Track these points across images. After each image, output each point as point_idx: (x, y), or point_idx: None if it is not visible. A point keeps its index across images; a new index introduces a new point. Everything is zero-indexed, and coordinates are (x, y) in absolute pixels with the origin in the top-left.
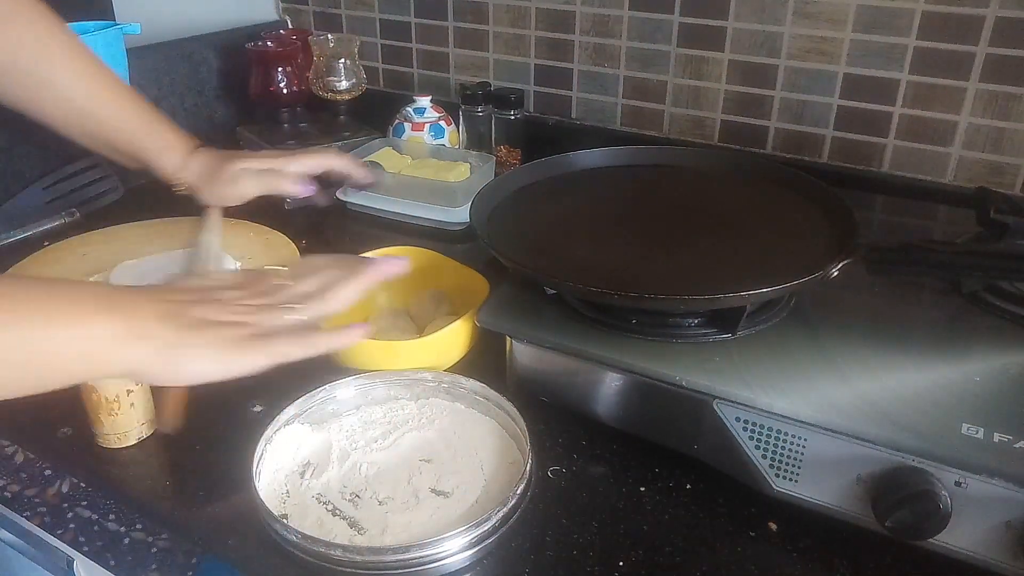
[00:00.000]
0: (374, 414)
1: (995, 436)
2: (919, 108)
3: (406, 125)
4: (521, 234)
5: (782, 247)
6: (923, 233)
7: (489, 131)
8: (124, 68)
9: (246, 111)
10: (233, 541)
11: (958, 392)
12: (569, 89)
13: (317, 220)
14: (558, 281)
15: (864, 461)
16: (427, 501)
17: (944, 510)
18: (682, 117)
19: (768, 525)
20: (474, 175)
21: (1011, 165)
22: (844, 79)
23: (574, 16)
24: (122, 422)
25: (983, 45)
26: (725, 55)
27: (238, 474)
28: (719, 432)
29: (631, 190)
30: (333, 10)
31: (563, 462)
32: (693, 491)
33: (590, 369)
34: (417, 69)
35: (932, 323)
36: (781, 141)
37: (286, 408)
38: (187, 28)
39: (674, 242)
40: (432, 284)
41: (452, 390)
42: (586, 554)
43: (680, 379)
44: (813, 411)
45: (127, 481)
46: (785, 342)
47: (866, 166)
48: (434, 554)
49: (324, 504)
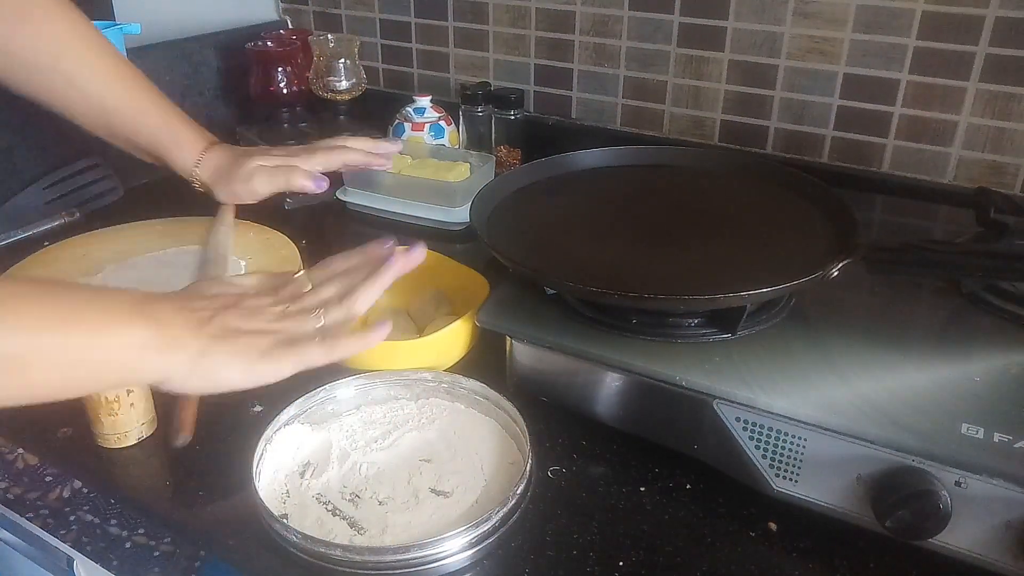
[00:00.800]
0: (374, 414)
1: (995, 436)
2: (919, 108)
3: (406, 125)
4: (521, 234)
5: (782, 247)
6: (923, 233)
7: (489, 131)
8: None
9: (246, 111)
10: (233, 541)
11: (958, 392)
12: (569, 89)
13: (317, 220)
14: (558, 281)
15: (864, 461)
16: (427, 501)
17: (944, 510)
18: (682, 117)
19: (768, 525)
20: (474, 175)
21: (1011, 165)
22: (844, 79)
23: (574, 16)
24: (122, 422)
25: (983, 45)
26: (725, 55)
27: (238, 474)
28: (719, 432)
29: (631, 190)
30: (333, 10)
31: (563, 462)
32: (693, 491)
33: (590, 369)
34: (417, 69)
35: (932, 323)
36: (781, 141)
37: (286, 408)
38: (187, 28)
39: (674, 242)
40: (432, 284)
41: (452, 390)
42: (586, 554)
43: (680, 379)
44: (813, 411)
45: (127, 481)
46: (785, 342)
47: (866, 166)
48: (434, 554)
49: (324, 504)
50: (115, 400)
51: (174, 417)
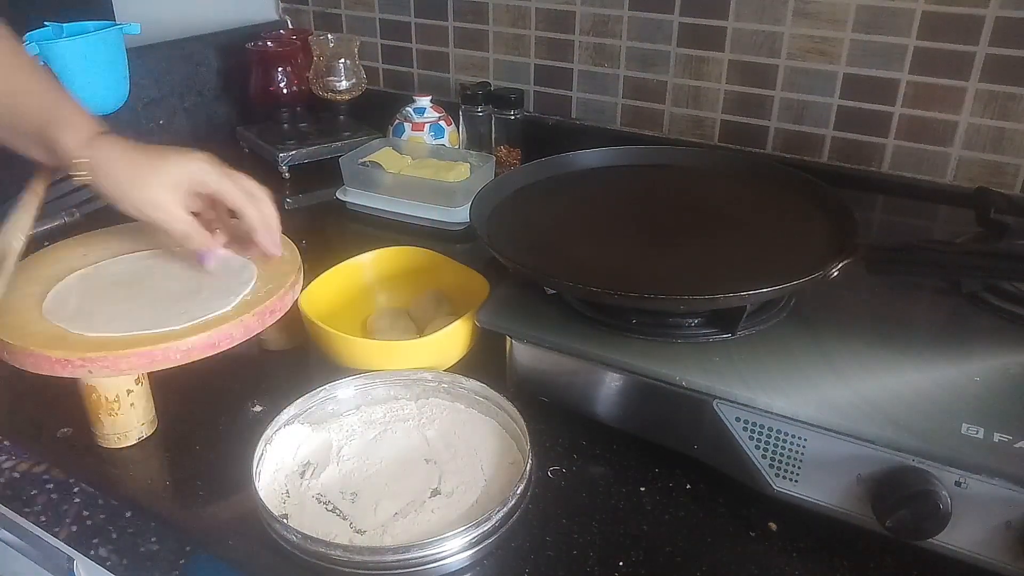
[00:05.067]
0: (374, 414)
1: (995, 436)
2: (919, 108)
3: (406, 125)
4: (521, 234)
5: (782, 247)
6: (923, 233)
7: (489, 131)
8: (124, 68)
9: (246, 111)
10: (233, 541)
11: (958, 392)
12: (569, 89)
13: (317, 220)
14: (558, 281)
15: (864, 461)
16: (427, 501)
17: (944, 510)
18: (682, 117)
19: (768, 525)
20: (474, 175)
21: (1011, 165)
22: (844, 79)
23: (574, 16)
24: (122, 422)
25: (983, 45)
26: (725, 55)
27: (238, 474)
28: (719, 432)
29: (631, 190)
30: (333, 10)
31: (563, 462)
32: (693, 491)
33: (590, 369)
34: (417, 69)
35: (932, 323)
36: (781, 141)
37: (286, 408)
38: (187, 28)
39: (674, 242)
40: (432, 284)
41: (452, 390)
42: (586, 554)
43: (680, 379)
44: (813, 411)
45: (127, 481)
46: (785, 342)
47: (866, 166)
48: (434, 554)
49: (324, 504)
50: (115, 400)
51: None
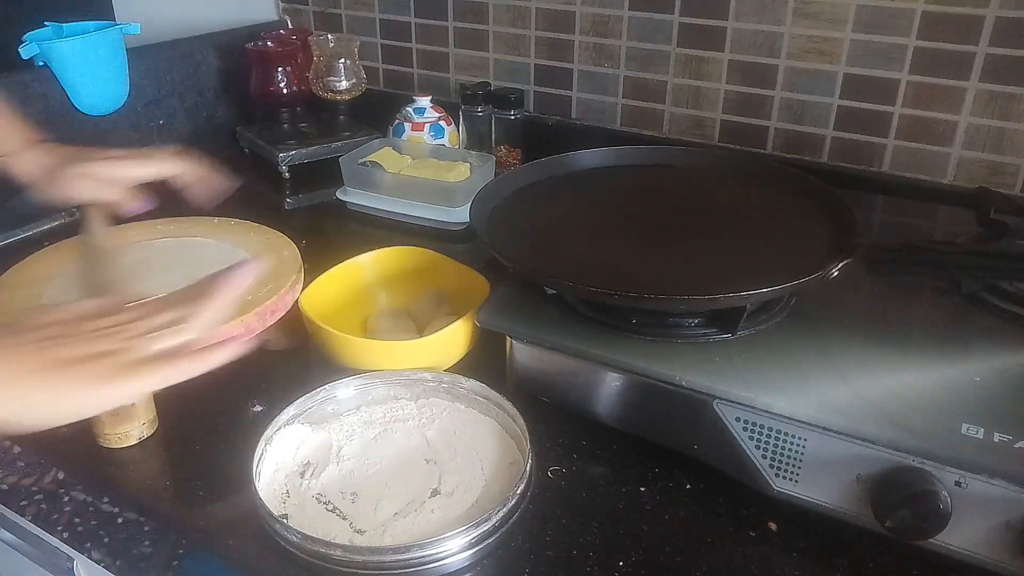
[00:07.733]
0: (374, 414)
1: (995, 436)
2: (919, 108)
3: (406, 125)
4: (521, 234)
5: (782, 247)
6: (923, 233)
7: (489, 131)
8: (124, 68)
9: (246, 111)
10: (233, 541)
11: (958, 392)
12: (569, 89)
13: (317, 220)
14: (558, 281)
15: (864, 461)
16: (427, 501)
17: (944, 510)
18: (682, 117)
19: (768, 525)
20: (474, 175)
21: (1011, 165)
22: (844, 79)
23: (574, 16)
24: (123, 422)
25: (983, 45)
26: (725, 55)
27: (238, 474)
28: (719, 432)
29: (631, 190)
30: (333, 10)
31: (563, 462)
32: (693, 491)
33: (590, 369)
34: (417, 69)
35: (932, 323)
36: (781, 141)
37: (286, 408)
38: (187, 28)
39: (674, 242)
40: (432, 284)
41: (452, 390)
42: (586, 554)
43: (680, 379)
44: (813, 411)
45: (127, 481)
46: (785, 342)
47: (866, 166)
48: (434, 554)
49: (324, 504)
50: None
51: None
